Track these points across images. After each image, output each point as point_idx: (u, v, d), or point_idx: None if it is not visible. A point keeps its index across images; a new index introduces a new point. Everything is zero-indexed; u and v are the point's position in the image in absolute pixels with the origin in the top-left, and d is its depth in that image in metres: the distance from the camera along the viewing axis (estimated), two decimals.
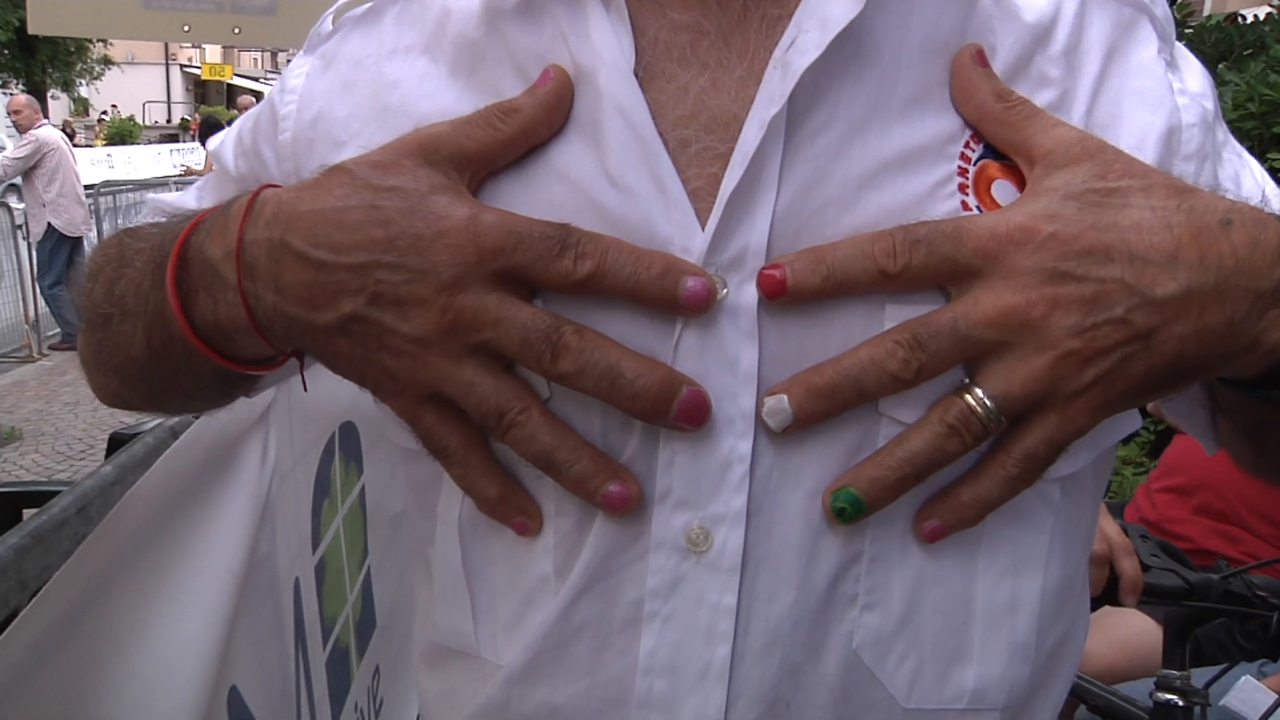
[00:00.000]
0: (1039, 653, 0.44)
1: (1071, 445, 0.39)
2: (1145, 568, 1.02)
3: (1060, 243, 0.37)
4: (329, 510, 1.27)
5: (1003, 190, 0.40)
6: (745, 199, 0.39)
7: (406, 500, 0.52)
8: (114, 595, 0.67)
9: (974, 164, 0.41)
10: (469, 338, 0.38)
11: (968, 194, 0.40)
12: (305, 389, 0.49)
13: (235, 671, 0.89)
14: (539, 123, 0.41)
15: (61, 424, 4.43)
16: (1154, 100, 0.43)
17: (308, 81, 0.49)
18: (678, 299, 0.38)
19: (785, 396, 0.38)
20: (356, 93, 0.46)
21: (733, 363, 0.39)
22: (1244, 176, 0.47)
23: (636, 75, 0.41)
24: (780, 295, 0.38)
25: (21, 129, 5.41)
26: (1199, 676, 1.09)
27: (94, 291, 0.50)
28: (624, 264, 0.38)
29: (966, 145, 0.41)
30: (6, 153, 5.80)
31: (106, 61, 18.77)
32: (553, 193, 0.41)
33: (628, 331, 0.39)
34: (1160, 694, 1.08)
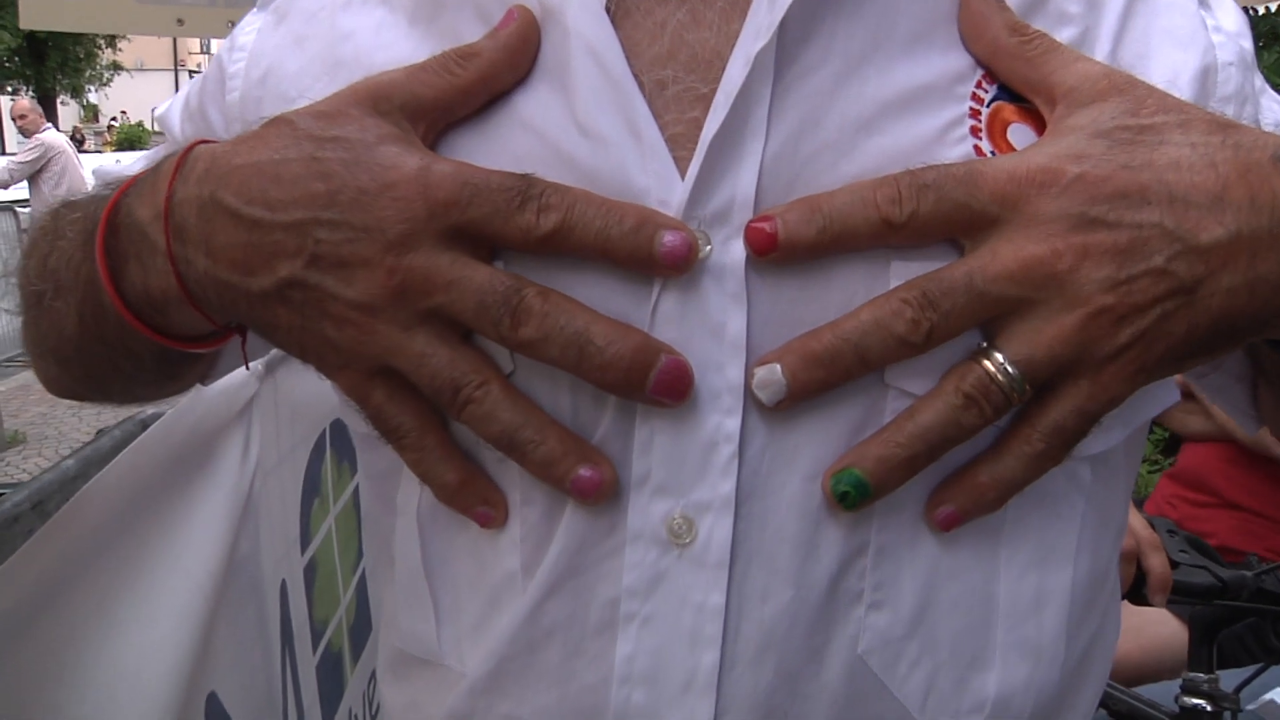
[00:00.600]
0: (1069, 655, 0.39)
1: (1104, 418, 0.34)
2: (1174, 564, 0.97)
3: (1089, 185, 0.32)
4: (319, 510, 1.24)
5: (1020, 134, 0.36)
6: (730, 145, 0.35)
7: (368, 494, 0.48)
8: (71, 596, 0.63)
9: (987, 106, 0.37)
10: (420, 303, 0.34)
11: (981, 138, 0.36)
12: (247, 367, 0.45)
13: (214, 676, 0.85)
14: (501, 67, 0.37)
15: (65, 427, 4.42)
16: (1185, 38, 0.39)
17: (259, 38, 0.45)
18: (654, 256, 0.34)
19: (778, 366, 0.34)
20: (309, 47, 0.43)
21: (718, 329, 0.35)
22: None
23: (608, 11, 0.37)
24: (771, 251, 0.34)
25: (27, 133, 5.45)
26: (1227, 679, 1.04)
27: (28, 268, 0.46)
28: (593, 217, 0.34)
29: (978, 85, 0.37)
30: (14, 157, 5.83)
31: (115, 67, 18.92)
32: (516, 143, 0.37)
33: (598, 295, 0.35)
34: (1186, 698, 1.03)
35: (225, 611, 0.85)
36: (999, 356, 0.33)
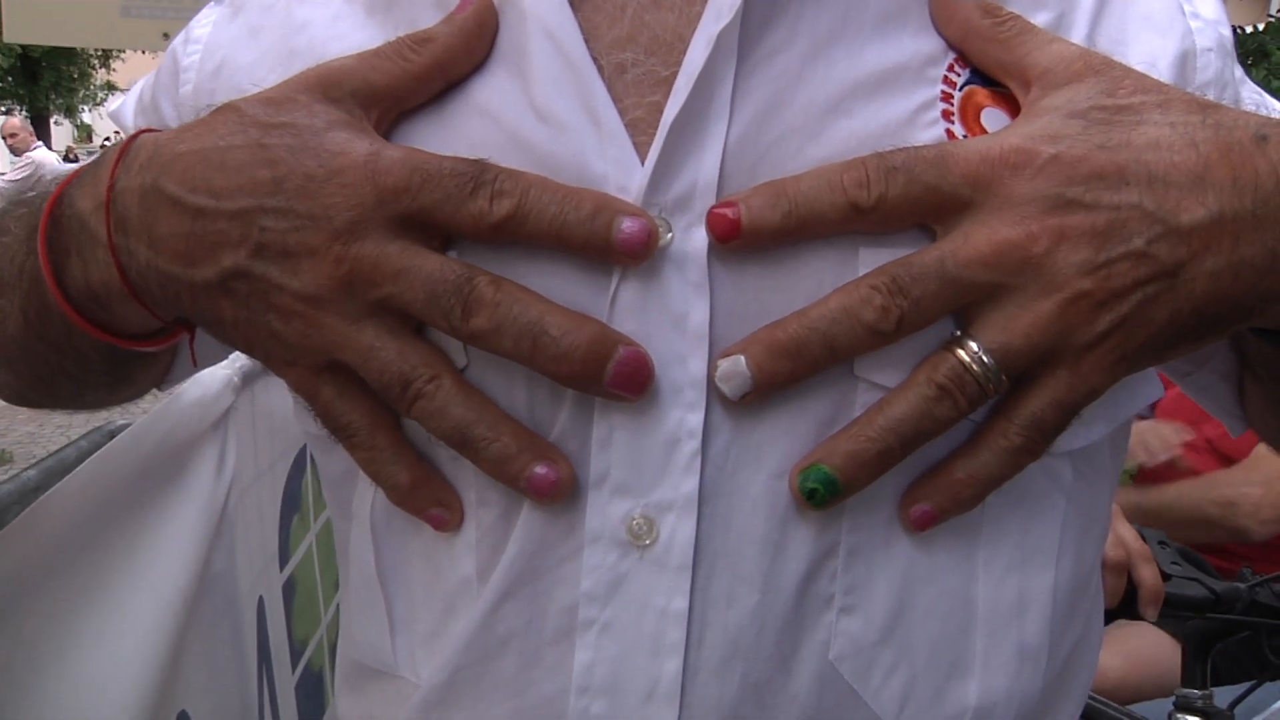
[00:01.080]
0: (1051, 662, 0.38)
1: (1085, 411, 0.33)
2: (1166, 577, 0.95)
3: (1064, 165, 0.31)
4: (300, 527, 1.21)
5: (993, 119, 0.35)
6: (691, 128, 0.34)
7: (328, 501, 0.46)
8: (27, 608, 0.61)
9: (959, 89, 0.36)
10: (368, 294, 0.33)
11: (953, 121, 0.35)
12: (195, 364, 0.43)
13: (185, 695, 0.83)
14: (456, 53, 0.36)
15: (52, 446, 4.39)
16: (1163, 23, 0.39)
17: (214, 30, 0.44)
18: (611, 243, 0.32)
19: (742, 358, 0.32)
20: (264, 38, 0.42)
21: (680, 320, 0.33)
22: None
23: None
24: (734, 238, 0.33)
25: (17, 152, 5.45)
26: (1221, 696, 1.02)
27: None
28: (548, 203, 0.32)
29: (950, 69, 0.36)
30: (4, 176, 5.84)
31: (109, 87, 18.98)
32: (472, 130, 0.36)
33: (555, 285, 0.34)
34: (1180, 715, 1.01)
35: (197, 629, 0.83)
36: (973, 345, 0.32)
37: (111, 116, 0.51)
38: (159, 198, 0.34)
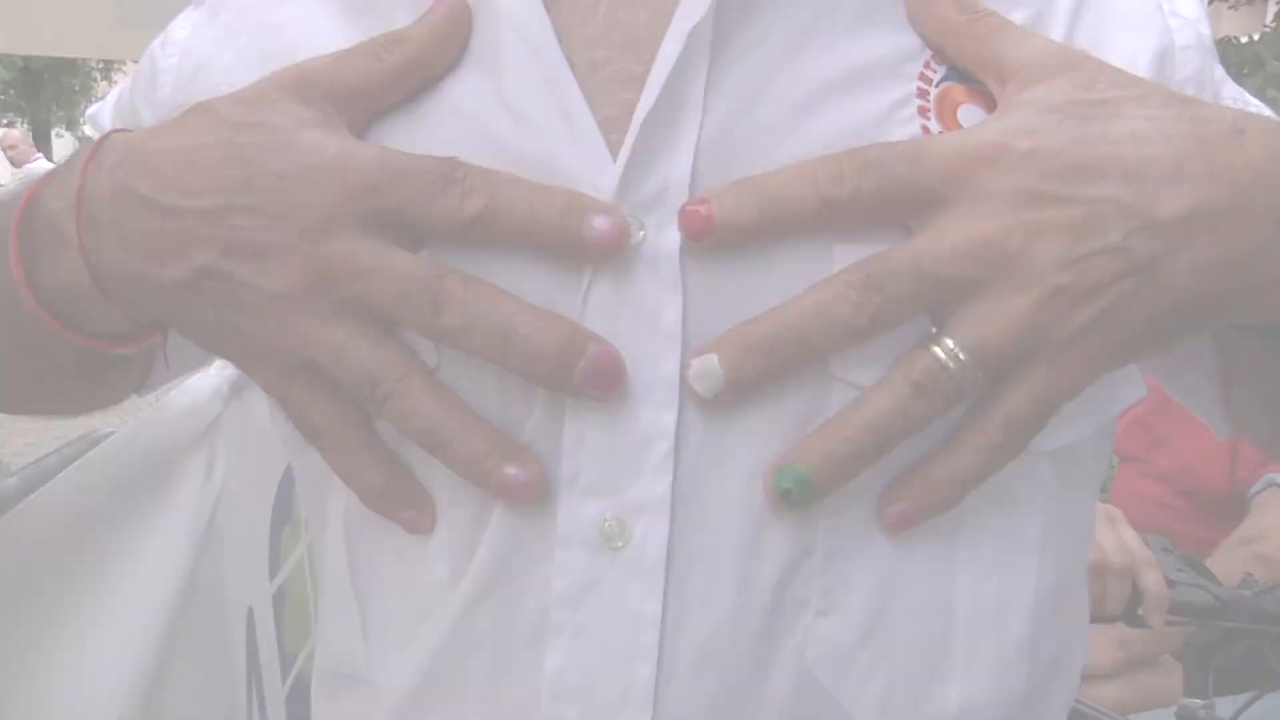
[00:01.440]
0: (1035, 665, 0.37)
1: (1065, 408, 0.33)
2: (1170, 583, 0.94)
3: (1040, 159, 0.31)
4: (291, 537, 1.21)
5: (970, 115, 0.35)
6: (664, 126, 0.33)
7: (306, 507, 0.46)
8: (7, 621, 0.60)
9: (935, 86, 0.35)
10: (339, 292, 0.33)
11: (929, 118, 0.35)
12: (167, 366, 0.43)
13: (171, 706, 0.82)
14: (430, 52, 0.36)
15: None
16: (1141, 21, 0.38)
17: (193, 32, 0.44)
18: (582, 240, 0.32)
19: (715, 356, 0.32)
20: (241, 40, 0.42)
21: (652, 319, 0.33)
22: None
23: None
24: (706, 235, 0.32)
25: (17, 164, 5.47)
26: (1224, 706, 1.01)
27: None
28: (519, 200, 0.32)
29: (926, 65, 0.35)
30: (3, 188, 5.86)
31: None
32: (445, 130, 0.36)
33: (527, 284, 0.33)
34: None
35: (184, 639, 0.82)
36: (949, 342, 0.32)
37: (89, 120, 0.51)
38: (129, 197, 0.34)
